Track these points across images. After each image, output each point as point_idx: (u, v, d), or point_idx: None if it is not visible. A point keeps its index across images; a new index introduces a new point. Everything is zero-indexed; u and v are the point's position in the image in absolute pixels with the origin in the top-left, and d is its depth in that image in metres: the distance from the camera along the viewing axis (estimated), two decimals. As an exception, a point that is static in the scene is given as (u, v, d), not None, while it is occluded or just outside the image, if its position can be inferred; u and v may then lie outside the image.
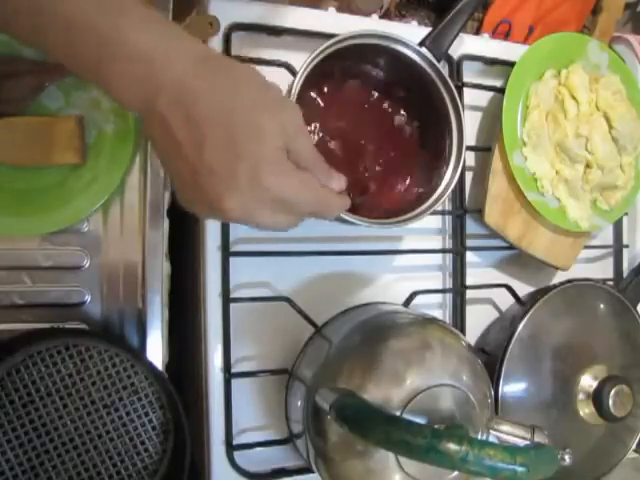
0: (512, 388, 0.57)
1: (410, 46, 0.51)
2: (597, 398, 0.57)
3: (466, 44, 0.62)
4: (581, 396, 0.59)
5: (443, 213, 0.62)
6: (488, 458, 0.36)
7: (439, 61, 0.52)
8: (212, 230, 0.52)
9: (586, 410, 0.59)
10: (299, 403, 0.51)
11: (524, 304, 0.61)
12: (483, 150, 0.63)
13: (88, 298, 0.52)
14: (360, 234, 0.58)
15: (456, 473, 0.46)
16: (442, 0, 0.80)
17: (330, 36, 0.48)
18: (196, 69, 0.33)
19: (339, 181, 0.40)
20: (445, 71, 0.54)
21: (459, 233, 0.61)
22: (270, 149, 0.34)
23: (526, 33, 0.82)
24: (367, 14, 0.61)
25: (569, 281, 0.61)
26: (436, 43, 0.52)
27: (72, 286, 0.51)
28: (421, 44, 0.52)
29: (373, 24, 0.59)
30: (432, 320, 0.54)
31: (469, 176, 0.63)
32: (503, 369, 0.57)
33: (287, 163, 0.35)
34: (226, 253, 0.52)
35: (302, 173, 0.36)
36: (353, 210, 0.48)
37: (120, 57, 0.32)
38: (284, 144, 0.35)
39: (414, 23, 0.64)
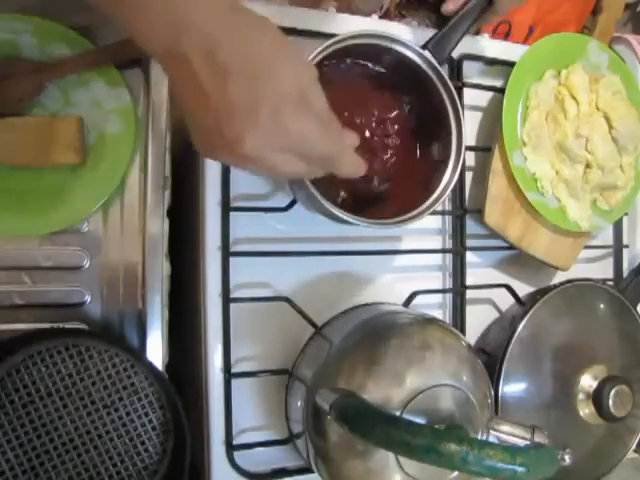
0: (512, 388, 0.57)
1: (412, 48, 0.51)
2: (597, 398, 0.57)
3: (466, 44, 0.62)
4: (581, 396, 0.59)
5: (443, 213, 0.62)
6: (488, 458, 0.36)
7: (441, 64, 0.52)
8: (212, 230, 0.52)
9: (586, 410, 0.59)
10: (299, 403, 0.51)
11: (524, 304, 0.61)
12: (483, 150, 0.63)
13: (88, 298, 0.52)
14: (360, 234, 0.58)
15: (456, 473, 0.46)
16: (442, 0, 0.80)
17: (330, 36, 0.48)
18: (221, 13, 0.34)
19: (352, 138, 0.41)
20: (445, 71, 0.54)
21: (459, 233, 0.61)
22: (290, 91, 0.35)
23: (526, 33, 0.82)
24: (367, 14, 0.61)
25: (569, 281, 0.61)
26: (439, 46, 0.52)
27: (72, 286, 0.51)
28: (424, 47, 0.52)
29: (373, 24, 0.59)
30: (432, 320, 0.54)
31: (469, 176, 0.63)
32: (503, 369, 0.57)
33: (307, 108, 0.36)
34: (226, 253, 0.52)
35: (320, 120, 0.37)
36: (354, 210, 0.48)
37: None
38: (303, 92, 0.35)
39: (414, 23, 0.64)
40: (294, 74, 0.35)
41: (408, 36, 0.51)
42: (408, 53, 0.51)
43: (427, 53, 0.51)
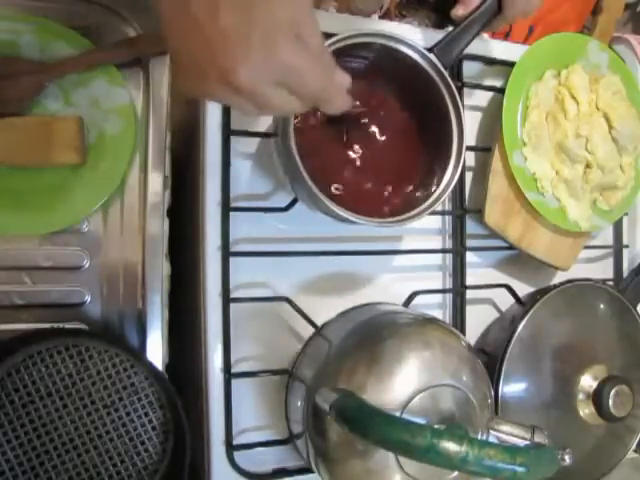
0: (512, 388, 0.57)
1: (416, 49, 0.51)
2: (597, 398, 0.57)
3: (466, 44, 0.62)
4: (581, 396, 0.59)
5: (443, 213, 0.62)
6: (488, 458, 0.36)
7: (446, 69, 0.52)
8: (212, 230, 0.52)
9: (586, 410, 0.59)
10: (299, 403, 0.51)
11: (524, 304, 0.61)
12: (483, 150, 0.63)
13: (88, 298, 0.52)
14: (360, 234, 0.58)
15: (456, 473, 0.46)
16: (442, 0, 0.80)
17: (330, 36, 0.48)
18: None
19: (343, 78, 0.40)
20: (446, 72, 0.54)
21: (459, 233, 0.61)
22: (283, 21, 0.34)
23: (526, 33, 0.82)
24: (367, 14, 0.61)
25: (569, 281, 0.61)
26: (445, 50, 0.52)
27: (72, 286, 0.51)
28: (430, 50, 0.52)
29: (373, 24, 0.59)
30: (432, 320, 0.54)
31: (469, 176, 0.63)
32: (503, 369, 0.57)
33: (300, 41, 0.35)
34: (226, 253, 0.52)
35: (313, 55, 0.36)
36: (354, 209, 0.48)
37: None
38: (296, 25, 0.35)
39: (414, 23, 0.64)
40: (287, 4, 0.34)
41: (410, 36, 0.51)
42: (411, 54, 0.51)
43: (432, 56, 0.51)
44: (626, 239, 0.72)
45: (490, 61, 0.63)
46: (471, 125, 0.63)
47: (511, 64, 0.61)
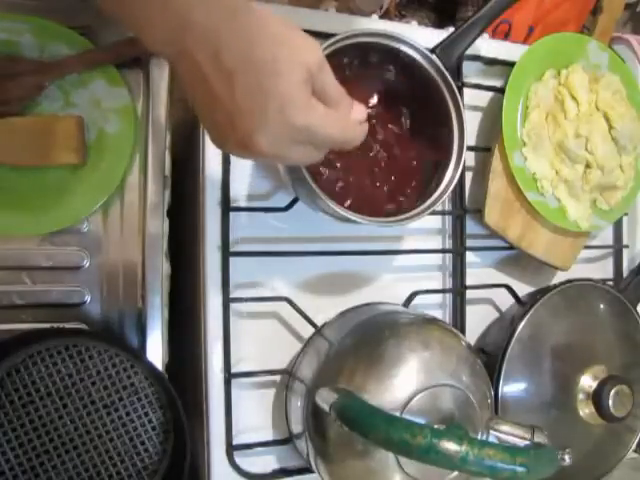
0: (512, 388, 0.57)
1: (417, 49, 0.51)
2: (597, 398, 0.57)
3: (466, 44, 0.62)
4: (581, 396, 0.59)
5: (443, 213, 0.62)
6: (488, 458, 0.36)
7: (448, 70, 0.52)
8: (212, 230, 0.52)
9: (586, 410, 0.59)
10: (299, 403, 0.51)
11: (524, 304, 0.61)
12: (483, 150, 0.63)
13: (88, 298, 0.52)
14: (360, 234, 0.58)
15: (456, 473, 0.46)
16: (442, 0, 0.81)
17: (330, 36, 0.48)
18: (222, 10, 0.34)
19: (360, 113, 0.41)
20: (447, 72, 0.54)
21: (459, 233, 0.61)
22: (293, 83, 0.35)
23: (526, 33, 0.82)
24: (367, 14, 0.61)
25: (569, 281, 0.61)
26: (447, 51, 0.52)
27: (72, 286, 0.51)
28: (432, 51, 0.52)
29: (373, 24, 0.59)
30: (432, 320, 0.54)
31: (469, 176, 0.63)
32: (503, 369, 0.57)
33: (311, 98, 0.36)
34: (226, 253, 0.52)
35: (327, 107, 0.37)
36: (354, 209, 0.48)
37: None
38: (307, 79, 0.36)
39: (414, 23, 0.64)
40: (296, 62, 0.35)
41: (411, 36, 0.51)
42: (412, 54, 0.51)
43: (434, 56, 0.51)
44: (626, 239, 0.72)
45: (490, 61, 0.63)
46: (471, 125, 0.63)
47: (511, 64, 0.61)
